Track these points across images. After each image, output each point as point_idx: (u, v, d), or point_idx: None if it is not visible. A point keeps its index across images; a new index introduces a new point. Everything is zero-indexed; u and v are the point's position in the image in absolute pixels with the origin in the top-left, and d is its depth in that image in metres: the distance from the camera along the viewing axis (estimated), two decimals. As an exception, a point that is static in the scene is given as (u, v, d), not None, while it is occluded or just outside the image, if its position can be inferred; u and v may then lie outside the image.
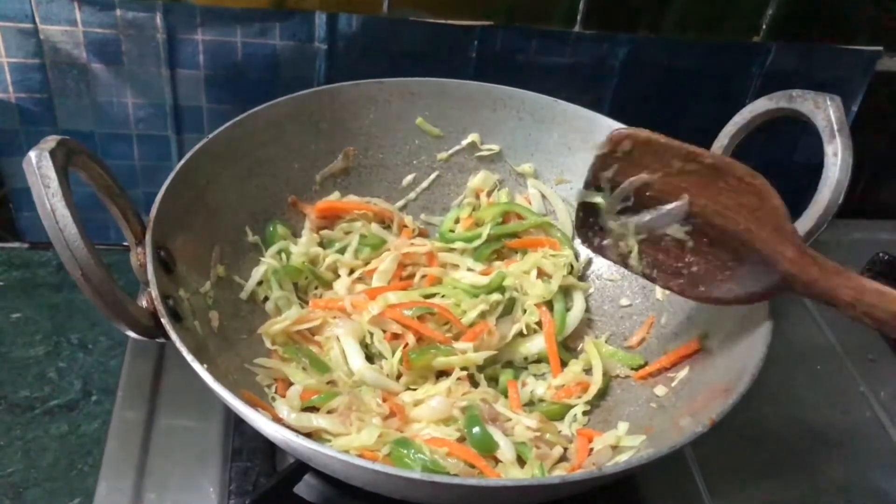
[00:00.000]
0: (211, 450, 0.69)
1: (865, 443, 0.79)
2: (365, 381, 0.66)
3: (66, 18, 0.77)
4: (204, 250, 0.68)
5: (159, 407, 0.72)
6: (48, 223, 0.50)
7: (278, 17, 0.79)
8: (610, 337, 0.76)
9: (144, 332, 0.54)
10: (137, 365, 0.76)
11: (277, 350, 0.69)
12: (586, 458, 0.63)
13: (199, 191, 0.68)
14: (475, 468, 0.59)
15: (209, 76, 0.82)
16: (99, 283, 0.51)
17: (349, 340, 0.68)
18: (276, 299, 0.72)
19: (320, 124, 0.77)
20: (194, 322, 0.62)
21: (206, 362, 0.53)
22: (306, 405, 0.64)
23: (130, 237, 0.59)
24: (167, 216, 0.62)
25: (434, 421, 0.63)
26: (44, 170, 0.49)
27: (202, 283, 0.66)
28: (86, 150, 0.54)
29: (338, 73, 0.83)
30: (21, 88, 0.80)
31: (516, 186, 0.84)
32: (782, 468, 0.75)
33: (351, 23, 0.81)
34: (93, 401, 0.75)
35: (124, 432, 0.70)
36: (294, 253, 0.75)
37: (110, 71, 0.80)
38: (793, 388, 0.83)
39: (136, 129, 0.85)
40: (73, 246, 0.49)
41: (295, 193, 0.78)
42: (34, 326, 0.81)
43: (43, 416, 0.73)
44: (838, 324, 0.90)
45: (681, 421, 0.59)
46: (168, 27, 0.78)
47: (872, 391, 0.83)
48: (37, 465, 0.69)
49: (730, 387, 0.56)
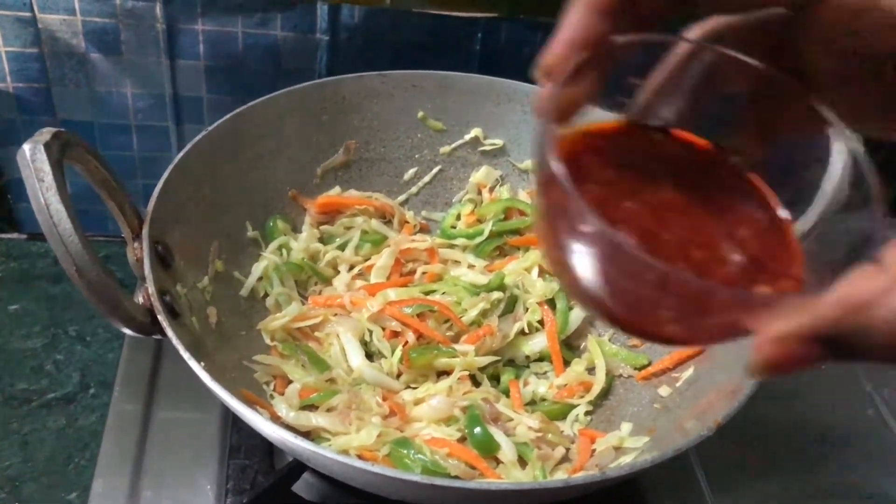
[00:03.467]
0: (209, 446, 0.68)
1: (870, 442, 0.78)
2: (364, 379, 0.65)
3: (64, 7, 0.76)
4: (202, 245, 0.67)
5: (156, 402, 0.72)
6: (42, 217, 0.49)
7: (280, 8, 0.78)
8: (613, 335, 0.75)
9: (141, 328, 0.53)
10: (135, 358, 0.75)
11: (276, 346, 0.68)
12: (588, 459, 0.62)
13: (197, 184, 0.67)
14: (476, 469, 0.58)
15: (209, 66, 0.81)
16: (93, 279, 0.50)
17: (349, 337, 0.68)
18: (276, 295, 0.71)
19: (321, 117, 0.76)
20: (192, 318, 0.61)
21: (204, 359, 0.52)
22: (305, 403, 0.63)
23: (127, 232, 0.58)
24: (165, 210, 0.61)
25: (434, 420, 0.63)
26: (38, 163, 0.48)
27: (200, 278, 0.66)
28: (82, 143, 0.53)
29: (339, 64, 0.82)
30: (19, 78, 0.79)
31: (519, 182, 0.83)
32: (786, 467, 0.74)
33: (353, 14, 0.79)
34: (90, 394, 0.74)
35: (121, 427, 0.69)
36: (294, 249, 0.74)
37: (109, 61, 0.79)
38: (797, 386, 0.82)
39: (136, 120, 0.84)
40: (68, 241, 0.49)
41: (295, 187, 0.77)
42: (32, 318, 0.80)
43: (40, 409, 0.72)
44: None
45: (686, 423, 0.58)
46: (168, 17, 0.77)
47: (877, 390, 0.83)
48: (34, 458, 0.68)
49: (736, 388, 0.55)
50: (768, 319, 0.25)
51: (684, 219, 0.29)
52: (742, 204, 0.31)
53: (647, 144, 0.32)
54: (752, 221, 0.30)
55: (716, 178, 0.32)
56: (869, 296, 0.23)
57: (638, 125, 0.32)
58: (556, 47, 0.27)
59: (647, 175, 0.30)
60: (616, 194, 0.29)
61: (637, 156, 0.31)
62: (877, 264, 0.23)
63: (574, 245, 0.26)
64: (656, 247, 0.28)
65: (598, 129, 0.32)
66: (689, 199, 0.30)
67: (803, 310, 0.24)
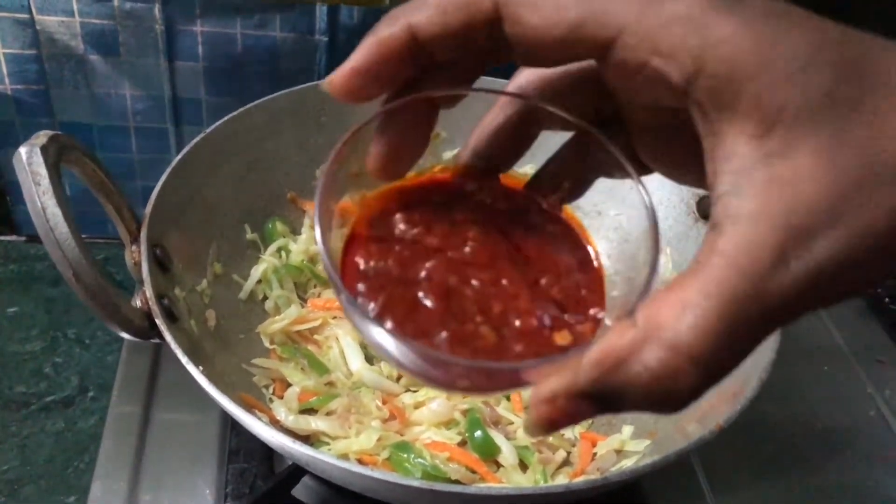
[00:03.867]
0: (207, 450, 0.68)
1: (872, 443, 0.78)
2: (364, 383, 0.65)
3: (62, 9, 0.75)
4: (201, 248, 0.67)
5: (155, 405, 0.71)
6: (38, 222, 0.48)
7: (278, 9, 0.78)
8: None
9: (139, 333, 0.53)
10: (134, 361, 0.75)
11: (276, 349, 0.68)
12: (590, 463, 0.62)
13: (196, 187, 0.66)
14: (476, 473, 0.58)
15: (208, 68, 0.81)
16: (91, 283, 0.50)
17: (348, 340, 0.67)
18: (275, 298, 0.70)
19: (320, 119, 0.76)
20: (190, 321, 0.61)
21: (203, 363, 0.52)
22: (304, 407, 0.63)
23: (125, 235, 0.58)
24: (163, 213, 0.60)
25: (435, 424, 0.62)
26: (34, 166, 0.48)
27: (199, 281, 0.65)
28: (79, 146, 0.53)
29: (339, 65, 0.81)
30: (17, 80, 0.79)
31: (518, 186, 0.82)
32: (787, 468, 0.74)
33: (352, 15, 0.79)
34: (89, 397, 0.74)
35: (120, 430, 0.69)
36: (294, 251, 0.74)
37: (108, 62, 0.79)
38: (799, 388, 0.82)
39: (134, 122, 0.83)
40: (65, 245, 0.48)
41: (294, 189, 0.77)
42: (31, 321, 0.80)
43: (39, 412, 0.72)
44: (846, 325, 0.89)
45: (687, 426, 0.58)
46: (167, 18, 0.77)
47: (879, 391, 0.83)
48: (32, 462, 0.68)
49: (737, 391, 0.55)
50: (541, 378, 0.26)
51: (487, 273, 0.30)
52: (554, 248, 0.32)
53: (463, 196, 0.33)
54: (560, 265, 0.31)
55: (531, 222, 0.32)
56: (622, 352, 0.23)
57: (468, 171, 0.33)
58: (341, 73, 0.29)
59: (456, 229, 0.31)
60: (420, 253, 0.30)
61: (451, 208, 0.32)
62: (631, 320, 0.24)
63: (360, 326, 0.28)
64: (456, 304, 0.29)
65: (414, 182, 0.33)
66: (496, 251, 0.31)
67: (568, 369, 0.25)
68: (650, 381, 0.23)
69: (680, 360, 0.23)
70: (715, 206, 0.24)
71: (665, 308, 0.23)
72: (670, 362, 0.23)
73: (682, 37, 0.24)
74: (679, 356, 0.23)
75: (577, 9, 0.25)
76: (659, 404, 0.24)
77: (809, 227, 0.22)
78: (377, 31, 0.28)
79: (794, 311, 0.23)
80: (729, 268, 0.23)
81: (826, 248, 0.22)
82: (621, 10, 0.24)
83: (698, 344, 0.23)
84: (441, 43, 0.27)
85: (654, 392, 0.23)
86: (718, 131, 0.24)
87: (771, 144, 0.23)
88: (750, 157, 0.23)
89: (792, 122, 0.23)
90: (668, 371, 0.23)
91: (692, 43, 0.24)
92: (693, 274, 0.23)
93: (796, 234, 0.22)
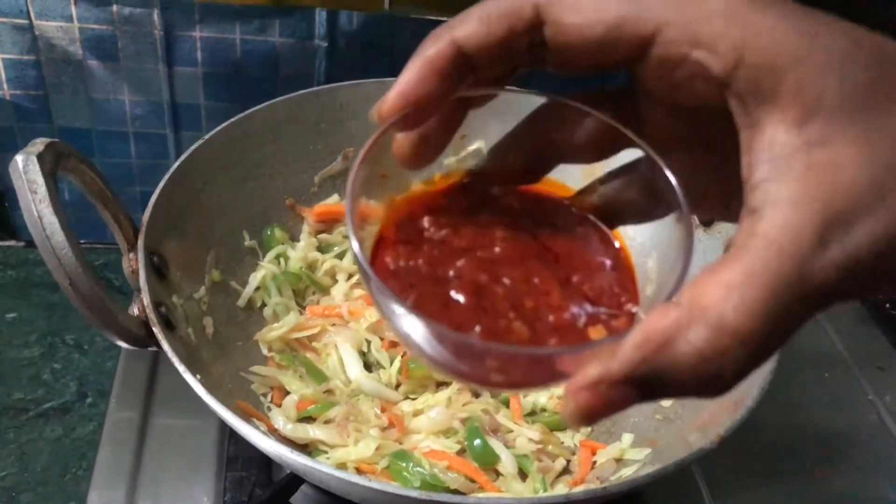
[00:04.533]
0: (205, 457, 0.67)
1: (872, 451, 0.77)
2: (363, 391, 0.65)
3: (61, 14, 0.75)
4: (199, 255, 0.67)
5: (153, 411, 0.71)
6: (35, 230, 0.48)
7: (278, 14, 0.78)
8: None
9: (136, 341, 0.53)
10: (132, 367, 0.75)
11: (274, 357, 0.68)
12: (590, 472, 0.62)
13: (194, 194, 0.66)
14: (475, 482, 0.58)
15: (207, 73, 0.80)
16: (87, 292, 0.50)
17: (347, 348, 0.67)
18: (274, 305, 0.70)
19: (319, 125, 0.76)
20: (188, 329, 0.60)
21: (200, 372, 0.52)
22: (303, 415, 0.62)
23: (123, 242, 0.58)
24: (161, 221, 0.60)
25: (434, 432, 0.62)
26: (31, 174, 0.48)
27: (196, 288, 0.65)
28: (76, 154, 0.53)
29: (338, 71, 0.81)
30: (16, 85, 0.79)
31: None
32: (788, 475, 0.74)
33: (352, 20, 0.79)
34: (88, 403, 0.73)
35: (118, 437, 0.69)
36: (292, 258, 0.73)
37: (106, 68, 0.79)
38: (800, 395, 0.81)
39: (133, 127, 0.83)
40: (61, 254, 0.48)
41: (293, 195, 0.76)
42: (29, 327, 0.80)
43: (37, 418, 0.72)
44: (847, 331, 0.88)
45: (689, 435, 0.58)
46: (165, 23, 0.77)
47: (880, 397, 0.82)
48: (30, 468, 0.68)
49: (738, 400, 0.55)
50: (580, 366, 0.25)
51: (518, 270, 0.30)
52: (583, 247, 0.32)
53: (490, 200, 0.33)
54: (591, 264, 0.31)
55: (559, 224, 0.33)
56: (666, 333, 0.23)
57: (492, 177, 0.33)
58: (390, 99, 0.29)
59: (484, 231, 0.31)
60: (449, 253, 0.30)
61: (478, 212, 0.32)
62: (673, 302, 0.24)
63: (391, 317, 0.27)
64: (487, 300, 0.28)
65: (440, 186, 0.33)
66: (526, 250, 0.31)
67: (610, 354, 0.24)
68: (697, 362, 0.23)
69: (727, 340, 0.23)
70: (753, 193, 0.25)
71: (709, 289, 0.23)
72: (717, 342, 0.23)
73: (723, 28, 0.24)
74: (726, 335, 0.23)
75: (617, 7, 0.26)
76: (705, 386, 0.24)
77: (849, 212, 0.23)
78: (423, 50, 0.28)
79: (833, 295, 0.24)
80: (771, 249, 0.23)
81: (864, 233, 0.23)
82: (661, 7, 0.25)
83: (744, 324, 0.23)
84: (486, 53, 0.28)
85: (700, 373, 0.23)
86: (757, 121, 0.25)
87: (810, 132, 0.24)
88: (790, 144, 0.24)
89: (831, 110, 0.24)
90: (716, 351, 0.23)
91: (733, 34, 0.24)
92: (735, 257, 0.24)
93: (836, 219, 0.23)
